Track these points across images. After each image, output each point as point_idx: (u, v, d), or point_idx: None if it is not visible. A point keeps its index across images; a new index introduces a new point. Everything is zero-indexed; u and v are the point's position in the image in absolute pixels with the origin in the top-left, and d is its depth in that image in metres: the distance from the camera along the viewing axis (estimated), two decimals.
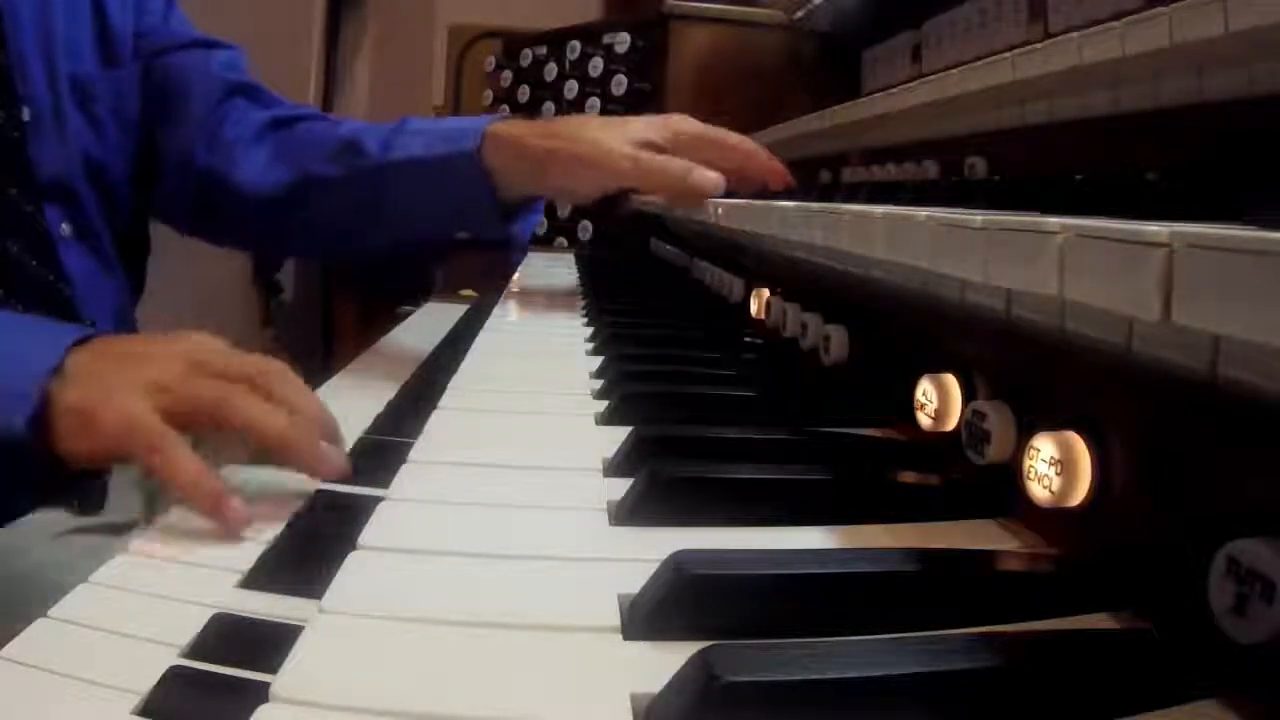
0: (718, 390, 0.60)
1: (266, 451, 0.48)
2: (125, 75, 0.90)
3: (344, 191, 0.94)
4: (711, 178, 0.86)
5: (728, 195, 0.88)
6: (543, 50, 1.82)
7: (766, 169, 0.96)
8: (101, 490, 0.80)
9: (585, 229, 1.69)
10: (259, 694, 0.26)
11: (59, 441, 0.48)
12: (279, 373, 0.51)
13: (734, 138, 0.97)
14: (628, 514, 0.39)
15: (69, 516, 0.77)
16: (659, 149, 0.91)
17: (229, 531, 0.42)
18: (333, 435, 0.50)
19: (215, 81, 0.96)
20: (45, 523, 0.76)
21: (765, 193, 0.88)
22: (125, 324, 0.91)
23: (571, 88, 1.74)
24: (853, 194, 0.70)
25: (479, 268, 1.52)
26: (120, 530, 0.80)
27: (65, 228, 0.83)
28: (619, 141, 0.90)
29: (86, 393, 0.48)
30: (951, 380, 0.46)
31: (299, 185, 0.94)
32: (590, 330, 0.82)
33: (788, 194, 0.83)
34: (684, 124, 0.95)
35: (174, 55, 0.94)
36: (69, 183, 0.83)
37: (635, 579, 0.32)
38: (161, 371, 0.49)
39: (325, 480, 0.46)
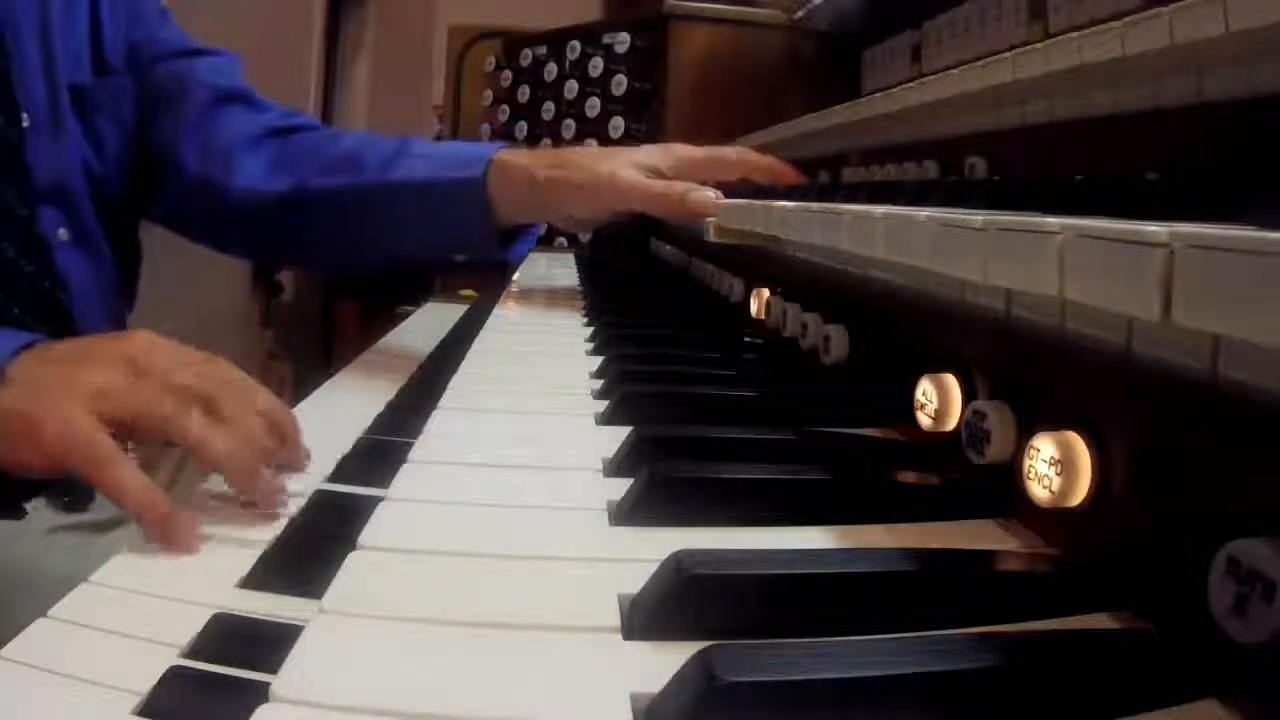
0: (718, 390, 0.60)
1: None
2: (119, 84, 0.91)
3: (341, 206, 0.94)
4: (709, 196, 0.88)
5: (731, 195, 0.89)
6: (543, 50, 1.82)
7: (777, 173, 0.98)
8: (89, 487, 0.80)
9: None
10: (259, 694, 0.26)
11: (4, 450, 0.46)
12: (225, 383, 0.49)
13: (732, 153, 1.00)
14: (628, 514, 0.39)
15: (57, 514, 0.77)
16: (661, 175, 0.94)
17: (177, 551, 0.40)
18: (285, 437, 0.49)
19: (203, 88, 0.96)
20: (32, 520, 0.76)
21: (770, 191, 0.89)
22: (120, 329, 0.91)
23: (571, 88, 1.74)
24: (853, 194, 0.70)
25: (479, 268, 1.52)
26: (107, 527, 0.80)
27: (62, 233, 0.84)
28: (622, 168, 0.93)
29: (23, 394, 0.46)
30: (951, 380, 0.46)
31: (296, 195, 0.95)
32: (590, 330, 0.82)
33: (788, 193, 0.83)
34: (682, 150, 0.98)
35: (164, 64, 0.95)
36: (66, 188, 0.84)
37: (635, 579, 0.32)
38: (104, 376, 0.47)
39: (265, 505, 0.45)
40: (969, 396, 0.45)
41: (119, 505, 0.42)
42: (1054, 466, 0.35)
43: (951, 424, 0.45)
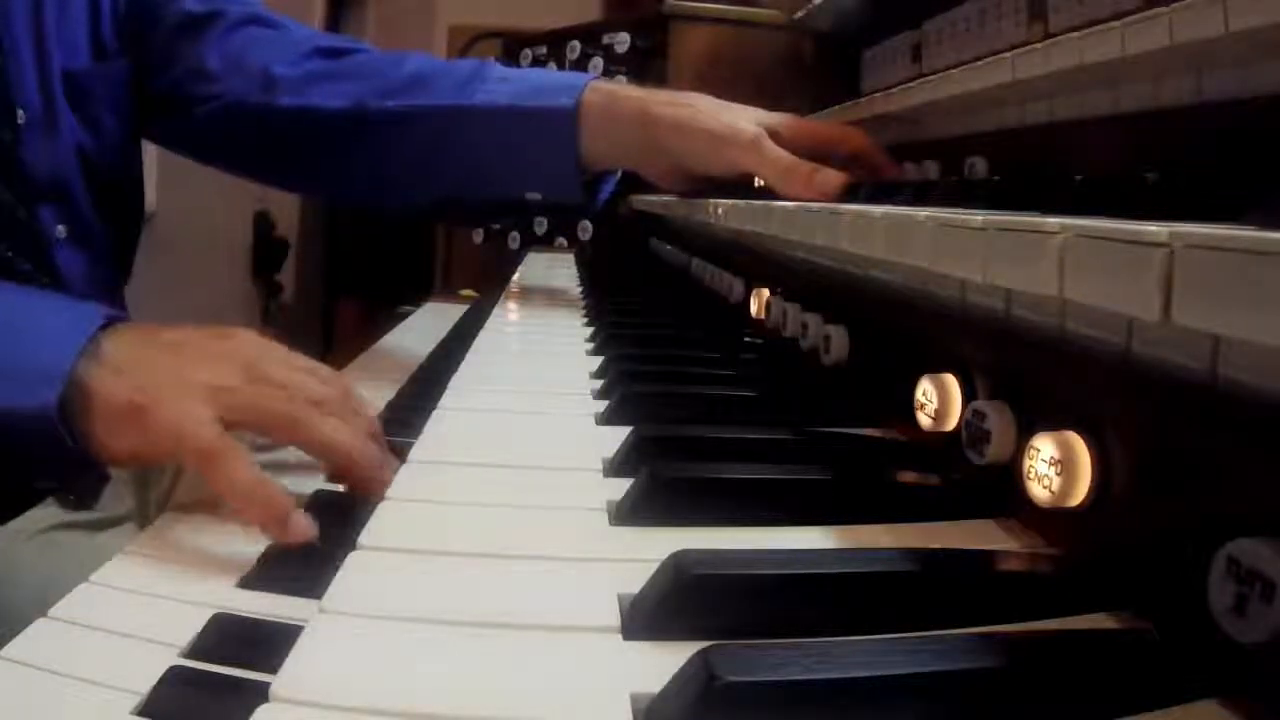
0: (718, 390, 0.60)
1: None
2: (116, 68, 0.87)
3: (407, 131, 0.86)
4: (836, 180, 0.76)
5: (730, 195, 0.88)
6: (543, 50, 1.82)
7: (883, 163, 0.86)
8: (99, 487, 0.80)
9: (585, 229, 1.69)
10: (259, 694, 0.26)
11: (96, 432, 0.45)
12: (339, 386, 0.50)
13: (856, 135, 0.88)
14: (628, 514, 0.39)
15: (58, 512, 0.77)
16: (779, 136, 0.84)
17: (294, 541, 0.41)
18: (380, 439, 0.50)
19: (232, 8, 0.89)
20: (32, 518, 0.75)
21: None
22: None
23: None
24: (853, 194, 0.70)
25: (479, 268, 1.52)
26: (108, 526, 0.79)
27: (60, 230, 0.82)
28: (749, 124, 0.83)
29: (136, 384, 0.45)
30: (951, 380, 0.46)
31: (354, 116, 0.86)
32: (590, 330, 0.82)
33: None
34: (797, 120, 0.89)
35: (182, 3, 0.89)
36: (62, 182, 0.82)
37: (635, 579, 0.32)
38: (221, 375, 0.46)
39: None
40: (969, 396, 0.45)
41: (228, 499, 0.42)
42: (1054, 466, 0.35)
43: (951, 424, 0.45)
